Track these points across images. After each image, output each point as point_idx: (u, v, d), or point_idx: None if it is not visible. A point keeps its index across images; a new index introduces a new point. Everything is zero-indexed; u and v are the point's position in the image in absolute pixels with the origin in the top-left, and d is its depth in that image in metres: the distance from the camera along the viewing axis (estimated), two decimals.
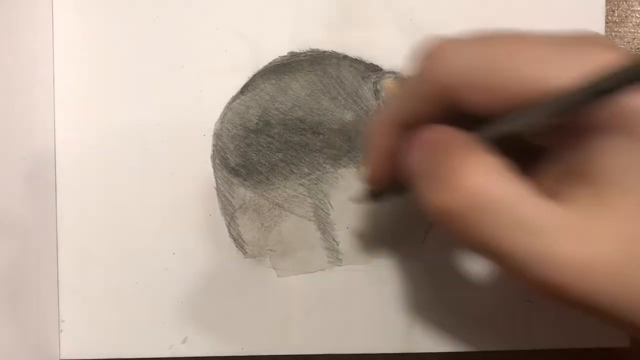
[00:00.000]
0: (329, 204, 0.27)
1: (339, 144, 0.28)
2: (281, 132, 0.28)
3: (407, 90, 0.19)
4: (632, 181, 0.16)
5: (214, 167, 0.28)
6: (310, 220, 0.27)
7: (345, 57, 0.28)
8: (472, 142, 0.18)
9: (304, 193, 0.28)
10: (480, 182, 0.16)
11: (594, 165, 0.16)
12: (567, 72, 0.16)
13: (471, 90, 0.17)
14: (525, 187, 0.16)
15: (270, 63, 0.28)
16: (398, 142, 0.20)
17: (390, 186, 0.22)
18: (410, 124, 0.19)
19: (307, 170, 0.27)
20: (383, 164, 0.21)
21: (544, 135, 0.17)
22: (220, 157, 0.28)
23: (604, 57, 0.15)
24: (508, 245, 0.16)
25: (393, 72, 0.27)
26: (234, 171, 0.28)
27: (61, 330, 0.28)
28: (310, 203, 0.27)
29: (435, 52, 0.18)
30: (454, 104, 0.18)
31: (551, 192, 0.17)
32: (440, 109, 0.18)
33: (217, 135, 0.28)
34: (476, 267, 0.27)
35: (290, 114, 0.28)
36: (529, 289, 0.17)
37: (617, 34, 0.28)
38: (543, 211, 0.16)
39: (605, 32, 0.27)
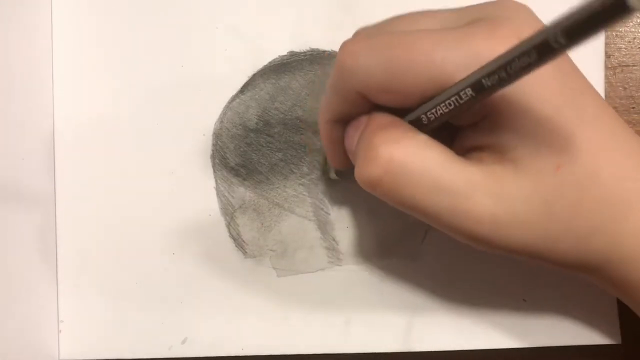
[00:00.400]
0: (329, 203, 0.27)
1: None
2: (281, 132, 0.28)
3: (329, 93, 0.21)
4: (529, 151, 0.18)
5: (213, 166, 0.28)
6: (310, 220, 0.27)
7: None
8: (395, 121, 0.20)
9: (304, 193, 0.27)
10: (395, 152, 0.19)
11: (498, 137, 0.19)
12: (452, 66, 0.18)
13: (378, 93, 0.19)
14: (441, 154, 0.19)
15: (270, 63, 0.28)
16: (341, 131, 0.22)
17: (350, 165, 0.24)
18: (347, 116, 0.21)
19: (307, 170, 0.27)
20: (336, 150, 0.23)
21: (456, 116, 0.19)
22: (220, 157, 0.28)
23: (485, 46, 0.17)
24: (427, 205, 0.19)
25: None
26: (234, 171, 0.28)
27: (60, 331, 0.28)
28: (310, 203, 0.27)
29: (345, 59, 0.19)
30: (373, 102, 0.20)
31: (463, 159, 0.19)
32: (365, 104, 0.20)
33: (217, 135, 0.28)
34: (474, 266, 0.27)
35: (290, 113, 0.28)
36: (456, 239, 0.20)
37: (618, 33, 0.28)
38: (456, 172, 0.19)
39: (606, 31, 0.27)
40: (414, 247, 0.27)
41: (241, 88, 0.28)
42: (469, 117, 0.20)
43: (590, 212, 0.19)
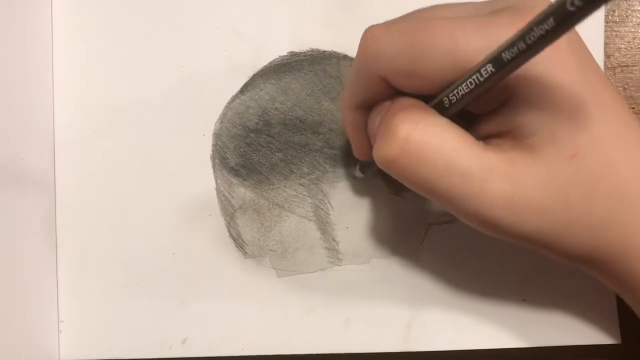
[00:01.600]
0: (329, 204, 0.27)
1: (339, 144, 0.28)
2: (281, 132, 0.28)
3: (353, 78, 0.21)
4: (546, 137, 0.18)
5: (213, 167, 0.28)
6: (310, 220, 0.27)
7: (345, 56, 0.28)
8: (416, 103, 0.20)
9: (304, 193, 0.28)
10: (414, 132, 0.19)
11: (517, 123, 0.19)
12: (474, 51, 0.18)
13: (400, 77, 0.19)
14: (459, 137, 0.19)
15: (270, 63, 0.28)
16: (364, 118, 0.22)
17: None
18: (370, 102, 0.21)
19: (307, 170, 0.27)
20: (360, 138, 0.23)
21: (474, 103, 0.19)
22: (220, 157, 0.28)
23: (507, 32, 0.17)
24: (441, 187, 0.19)
25: None
26: (234, 171, 0.28)
27: (60, 331, 0.28)
28: (310, 203, 0.27)
29: (368, 44, 0.19)
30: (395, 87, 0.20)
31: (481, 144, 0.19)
32: (388, 90, 0.20)
33: (217, 135, 0.28)
34: (474, 267, 0.27)
35: (290, 113, 0.28)
36: (470, 224, 0.20)
37: (618, 33, 0.28)
38: (473, 156, 0.18)
39: (606, 31, 0.27)
40: (414, 247, 0.27)
41: (241, 88, 0.28)
42: (488, 103, 0.19)
43: (604, 202, 0.19)
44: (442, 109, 0.19)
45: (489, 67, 0.17)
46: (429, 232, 0.27)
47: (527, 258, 0.27)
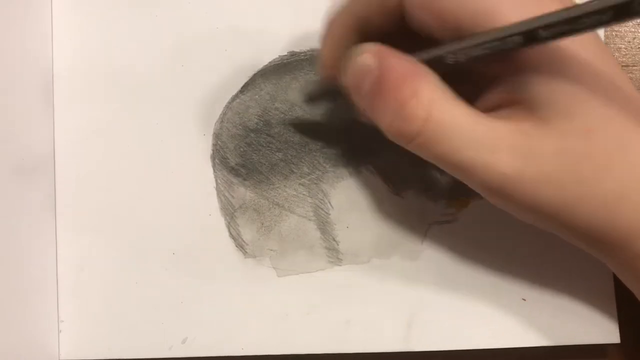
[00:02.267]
0: (329, 203, 0.27)
1: (340, 144, 0.28)
2: (281, 132, 0.28)
3: None
4: (561, 110, 0.18)
5: (213, 166, 0.28)
6: (310, 220, 0.27)
7: None
8: (416, 69, 0.19)
9: (304, 192, 0.28)
10: (433, 112, 0.19)
11: (530, 93, 0.19)
12: (508, 6, 0.18)
13: (422, 9, 0.19)
14: (469, 110, 0.19)
15: (270, 62, 0.28)
16: (349, 44, 0.21)
17: (332, 87, 0.23)
18: (362, 30, 0.21)
19: (307, 170, 0.27)
20: (333, 54, 0.22)
21: (482, 63, 0.19)
22: (220, 157, 0.28)
23: (551, 7, 0.17)
24: (460, 159, 0.19)
25: None
26: (234, 171, 0.28)
27: (60, 331, 0.28)
28: (310, 203, 0.27)
29: None
30: (405, 19, 0.20)
31: (491, 115, 0.20)
32: (392, 20, 0.20)
33: (217, 135, 0.28)
34: (474, 266, 0.27)
35: (290, 113, 0.28)
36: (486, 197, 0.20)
37: (618, 33, 0.28)
38: (483, 129, 0.19)
39: (606, 31, 0.27)
40: (414, 247, 0.27)
41: (241, 88, 0.28)
42: (500, 68, 0.19)
43: (617, 179, 0.19)
44: (439, 65, 0.19)
45: (518, 39, 0.16)
46: (429, 231, 0.27)
47: (528, 258, 0.27)
